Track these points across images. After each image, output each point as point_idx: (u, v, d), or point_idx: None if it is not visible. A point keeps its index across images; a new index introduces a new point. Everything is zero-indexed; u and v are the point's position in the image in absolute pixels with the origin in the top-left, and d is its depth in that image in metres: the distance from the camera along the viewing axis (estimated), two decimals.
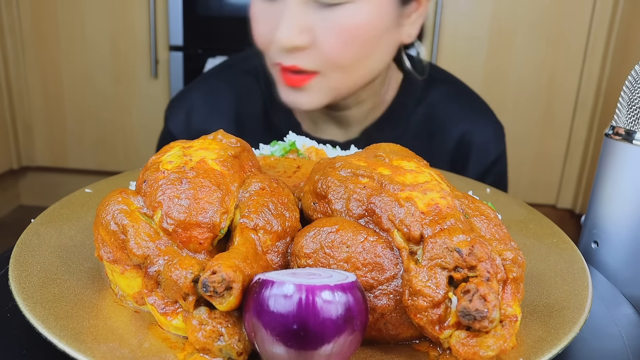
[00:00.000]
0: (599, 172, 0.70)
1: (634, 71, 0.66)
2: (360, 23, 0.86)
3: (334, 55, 0.88)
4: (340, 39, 0.86)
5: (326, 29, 0.86)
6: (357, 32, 0.87)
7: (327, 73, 0.90)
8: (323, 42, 0.86)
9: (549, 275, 0.57)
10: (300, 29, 0.85)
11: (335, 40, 0.86)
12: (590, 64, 2.34)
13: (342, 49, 0.87)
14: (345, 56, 0.88)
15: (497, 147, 1.10)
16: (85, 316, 0.46)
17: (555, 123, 2.45)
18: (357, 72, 0.93)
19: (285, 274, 0.41)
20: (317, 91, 0.92)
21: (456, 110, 1.09)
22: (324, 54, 0.87)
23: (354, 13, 0.86)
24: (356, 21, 0.86)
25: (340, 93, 0.95)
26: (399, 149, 0.57)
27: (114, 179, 0.76)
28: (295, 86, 0.91)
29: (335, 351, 0.38)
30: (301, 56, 0.88)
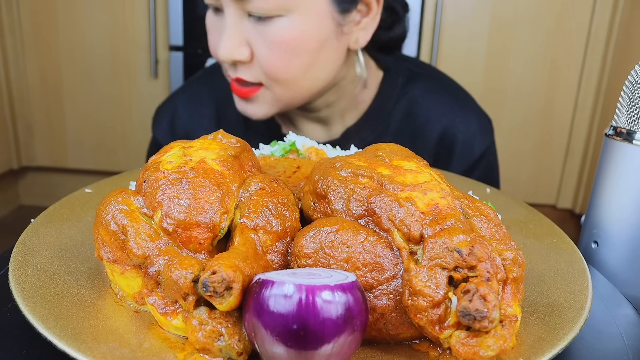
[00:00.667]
0: (599, 172, 0.70)
1: (634, 71, 0.66)
2: (294, 36, 0.87)
3: (272, 68, 0.88)
4: (275, 52, 0.87)
5: (262, 43, 0.87)
6: (292, 45, 0.87)
7: (270, 85, 0.91)
8: (260, 56, 0.88)
9: (549, 275, 0.57)
10: (239, 43, 0.87)
11: (271, 54, 0.87)
12: (590, 64, 2.34)
13: (278, 63, 0.88)
14: (282, 69, 0.89)
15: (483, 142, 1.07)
16: (85, 316, 0.46)
17: (555, 122, 2.45)
18: (300, 83, 0.93)
19: (285, 274, 0.41)
20: (264, 102, 0.94)
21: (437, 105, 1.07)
22: (262, 68, 0.89)
23: (288, 26, 0.86)
24: (291, 34, 0.86)
25: (288, 103, 0.96)
26: (399, 149, 0.57)
27: (114, 179, 0.76)
28: (241, 97, 0.94)
29: (335, 351, 0.38)
30: (243, 69, 0.90)
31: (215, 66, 1.18)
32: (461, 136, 1.06)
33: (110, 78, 2.49)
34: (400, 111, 1.07)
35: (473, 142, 1.06)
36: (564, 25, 2.31)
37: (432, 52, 2.35)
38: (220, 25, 0.90)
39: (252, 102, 0.95)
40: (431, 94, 1.08)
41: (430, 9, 2.30)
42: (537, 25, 2.31)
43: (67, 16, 2.42)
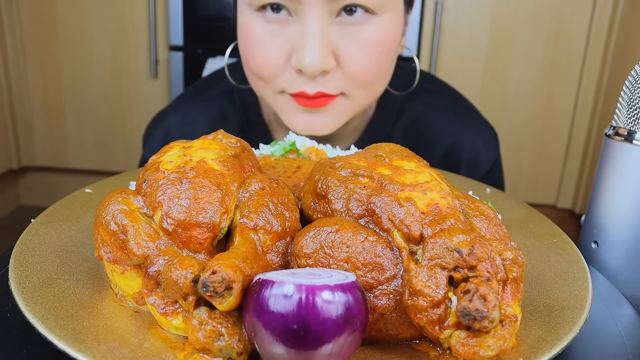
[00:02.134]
0: (599, 172, 0.70)
1: (634, 71, 0.66)
2: (387, 36, 0.82)
3: (363, 73, 0.82)
4: (369, 54, 0.81)
5: (353, 48, 0.80)
6: (385, 46, 0.82)
7: (352, 94, 0.84)
8: (350, 62, 0.81)
9: (549, 275, 0.57)
10: (327, 51, 0.79)
11: (364, 56, 0.81)
12: (590, 64, 2.34)
13: (370, 65, 0.82)
14: (374, 71, 0.83)
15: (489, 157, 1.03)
16: (85, 316, 0.46)
17: (555, 123, 2.45)
18: (378, 87, 0.88)
19: (285, 274, 0.41)
20: (337, 112, 0.86)
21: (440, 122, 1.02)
22: (351, 74, 0.82)
23: (381, 26, 0.81)
24: (384, 34, 0.81)
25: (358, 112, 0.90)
26: (399, 149, 0.57)
27: (114, 179, 0.76)
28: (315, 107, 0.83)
29: (335, 351, 0.38)
30: (324, 81, 0.81)
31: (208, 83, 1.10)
32: (466, 154, 1.01)
33: (110, 78, 2.49)
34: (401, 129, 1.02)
35: (478, 160, 1.02)
36: (564, 25, 2.31)
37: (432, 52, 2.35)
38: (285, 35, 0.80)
39: (323, 113, 0.85)
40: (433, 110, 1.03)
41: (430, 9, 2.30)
42: (537, 25, 2.31)
43: (67, 16, 2.42)
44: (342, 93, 0.84)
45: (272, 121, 1.02)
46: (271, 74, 0.83)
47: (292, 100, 0.84)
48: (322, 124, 0.85)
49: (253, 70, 0.84)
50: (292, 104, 0.84)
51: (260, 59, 0.82)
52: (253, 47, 0.82)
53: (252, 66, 0.84)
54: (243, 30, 0.84)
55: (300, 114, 0.85)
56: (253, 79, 0.88)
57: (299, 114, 0.85)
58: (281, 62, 0.81)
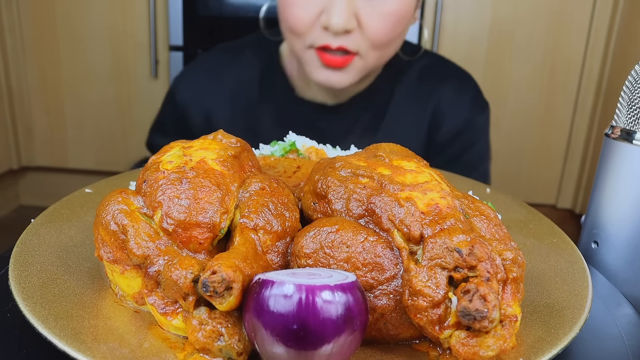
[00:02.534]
0: (599, 172, 0.70)
1: (634, 71, 0.66)
2: (402, 7, 0.98)
3: (378, 36, 0.98)
4: (386, 22, 0.97)
5: (373, 14, 0.96)
6: (399, 15, 0.99)
7: (366, 53, 1.00)
8: (369, 25, 0.97)
9: (549, 275, 0.57)
10: (350, 14, 0.95)
11: (381, 24, 0.97)
12: (590, 64, 2.34)
13: (386, 31, 0.98)
14: (387, 36, 0.99)
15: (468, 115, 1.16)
16: (85, 316, 0.46)
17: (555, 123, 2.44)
18: (389, 50, 1.05)
19: (285, 274, 0.41)
20: (353, 70, 1.02)
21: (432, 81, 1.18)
22: (368, 36, 0.97)
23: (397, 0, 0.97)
24: (401, 5, 0.98)
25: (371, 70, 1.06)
26: (399, 149, 0.57)
27: (114, 179, 0.76)
28: (335, 66, 1.00)
29: (335, 351, 0.38)
30: (347, 38, 0.97)
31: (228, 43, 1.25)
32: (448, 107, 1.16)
33: (110, 78, 2.49)
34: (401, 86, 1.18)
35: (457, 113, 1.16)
36: (564, 25, 2.30)
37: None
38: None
39: (342, 71, 1.01)
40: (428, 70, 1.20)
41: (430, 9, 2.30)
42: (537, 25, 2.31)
43: (67, 16, 2.42)
44: (358, 53, 0.99)
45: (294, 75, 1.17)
46: (303, 29, 0.99)
47: (317, 57, 1.00)
48: (339, 79, 1.02)
49: (290, 25, 1.01)
50: (316, 60, 1.01)
51: (296, 15, 0.99)
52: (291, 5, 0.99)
53: (289, 21, 1.00)
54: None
55: (322, 70, 1.02)
56: (287, 34, 1.04)
57: (321, 70, 1.02)
58: (312, 19, 0.97)
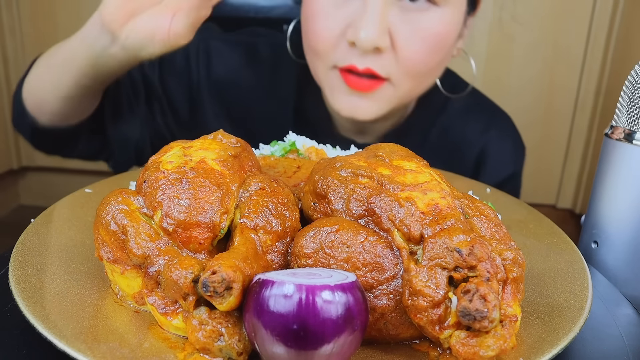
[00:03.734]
0: (599, 172, 0.70)
1: (634, 71, 0.66)
2: (444, 30, 0.83)
3: (414, 61, 0.83)
4: (423, 44, 0.82)
5: (409, 33, 0.81)
6: (439, 39, 0.83)
7: (398, 81, 0.85)
8: (404, 46, 0.82)
9: (549, 275, 0.57)
10: (383, 29, 0.80)
11: (419, 45, 0.82)
12: (590, 64, 2.34)
13: (423, 55, 0.83)
14: (424, 62, 0.84)
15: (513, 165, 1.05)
16: (85, 316, 0.46)
17: (555, 123, 2.44)
18: (426, 81, 0.89)
19: (285, 274, 0.41)
20: (381, 99, 0.86)
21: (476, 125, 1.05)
22: (402, 59, 0.82)
23: (441, 18, 0.82)
24: (442, 27, 0.83)
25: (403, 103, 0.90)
26: (399, 149, 0.57)
27: (114, 179, 0.76)
28: (361, 91, 0.84)
29: (335, 351, 0.38)
30: (375, 60, 0.82)
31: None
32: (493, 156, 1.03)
33: None
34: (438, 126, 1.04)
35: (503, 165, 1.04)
36: (564, 25, 2.31)
37: None
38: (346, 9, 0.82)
39: (368, 98, 0.86)
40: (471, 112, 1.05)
41: None
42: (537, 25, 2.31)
43: (67, 16, 2.41)
44: (388, 79, 0.84)
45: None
46: (326, 46, 0.84)
47: (341, 79, 0.85)
48: (365, 108, 0.86)
49: (311, 42, 0.86)
50: (340, 83, 0.86)
51: (318, 30, 0.84)
52: (314, 18, 0.84)
53: (310, 37, 0.86)
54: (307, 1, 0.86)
55: (346, 95, 0.86)
56: (309, 54, 0.90)
57: (344, 95, 0.86)
58: (337, 35, 0.83)
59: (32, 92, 0.92)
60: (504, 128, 1.08)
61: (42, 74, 0.91)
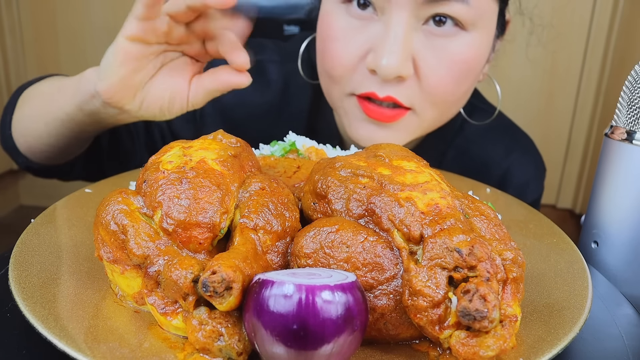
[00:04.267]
0: (599, 172, 0.70)
1: (634, 71, 0.66)
2: (473, 56, 0.78)
3: (440, 89, 0.77)
4: (450, 72, 0.77)
5: (435, 60, 0.76)
6: (468, 66, 0.78)
7: (422, 110, 0.79)
8: (429, 73, 0.76)
9: (549, 275, 0.57)
10: (407, 57, 0.74)
11: (445, 73, 0.76)
12: (590, 64, 2.34)
13: (449, 83, 0.77)
14: (451, 91, 0.78)
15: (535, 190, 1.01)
16: (85, 316, 0.46)
17: (555, 123, 2.45)
18: (451, 109, 0.83)
19: (285, 274, 0.41)
20: (404, 129, 0.81)
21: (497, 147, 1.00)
22: (426, 87, 0.77)
23: (469, 45, 0.77)
24: (470, 54, 0.77)
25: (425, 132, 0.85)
26: (399, 149, 0.57)
27: (114, 179, 0.76)
28: (382, 121, 0.79)
29: (335, 351, 0.38)
30: (398, 88, 0.76)
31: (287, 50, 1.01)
32: (516, 180, 0.99)
33: None
34: (456, 147, 0.99)
35: (526, 189, 1.00)
36: (564, 25, 2.31)
37: None
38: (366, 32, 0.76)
39: (389, 128, 0.80)
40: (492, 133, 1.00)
41: None
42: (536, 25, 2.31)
43: (67, 16, 2.42)
44: (411, 108, 0.79)
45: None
46: (343, 72, 0.79)
47: (359, 107, 0.80)
48: (385, 139, 0.80)
49: (327, 66, 0.81)
50: (358, 111, 0.80)
51: (335, 53, 0.78)
52: (331, 40, 0.79)
53: (326, 61, 0.80)
54: (324, 22, 0.81)
55: (364, 124, 0.81)
56: (324, 78, 0.84)
57: (363, 123, 0.81)
58: (355, 60, 0.77)
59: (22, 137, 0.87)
60: (526, 151, 1.02)
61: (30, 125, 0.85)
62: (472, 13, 0.75)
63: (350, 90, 0.80)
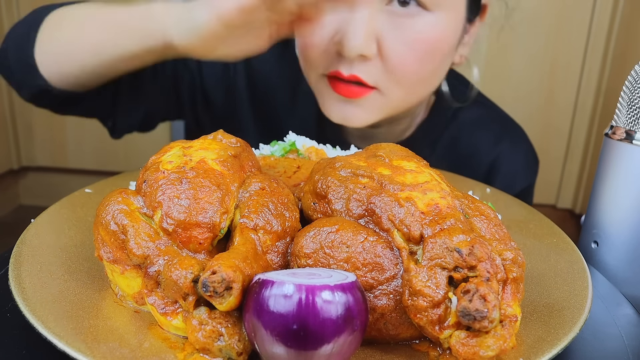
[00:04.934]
0: (599, 172, 0.70)
1: (634, 71, 0.66)
2: (437, 36, 0.79)
3: (403, 68, 0.79)
4: (413, 51, 0.78)
5: (398, 40, 0.78)
6: (432, 46, 0.79)
7: (388, 90, 0.82)
8: (392, 53, 0.78)
9: (549, 275, 0.57)
10: (371, 36, 0.76)
11: (408, 52, 0.78)
12: (590, 64, 2.34)
13: (412, 63, 0.79)
14: (414, 70, 0.80)
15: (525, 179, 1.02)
16: (85, 316, 0.46)
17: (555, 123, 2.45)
18: (419, 90, 0.85)
19: (285, 274, 0.41)
20: (371, 107, 0.83)
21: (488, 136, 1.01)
22: (390, 67, 0.79)
23: (434, 23, 0.78)
24: (434, 33, 0.78)
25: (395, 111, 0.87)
26: (399, 149, 0.57)
27: (114, 179, 0.76)
28: (349, 97, 0.82)
29: (335, 351, 0.38)
30: (362, 67, 0.79)
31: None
32: (505, 169, 1.00)
33: None
34: (448, 137, 1.01)
35: (515, 178, 1.01)
36: (564, 25, 2.31)
37: None
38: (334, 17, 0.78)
39: (357, 105, 0.83)
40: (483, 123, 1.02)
41: None
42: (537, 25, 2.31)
43: None
44: (376, 87, 0.81)
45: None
46: (315, 54, 0.82)
47: (329, 86, 0.83)
48: (355, 115, 0.84)
49: (301, 50, 0.85)
50: (329, 91, 0.84)
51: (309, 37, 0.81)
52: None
53: (300, 46, 0.84)
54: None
55: (335, 103, 0.84)
56: (301, 62, 0.88)
57: (334, 102, 0.84)
58: (325, 41, 0.80)
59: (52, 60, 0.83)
60: (516, 140, 1.04)
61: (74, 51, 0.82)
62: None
63: (322, 71, 0.84)
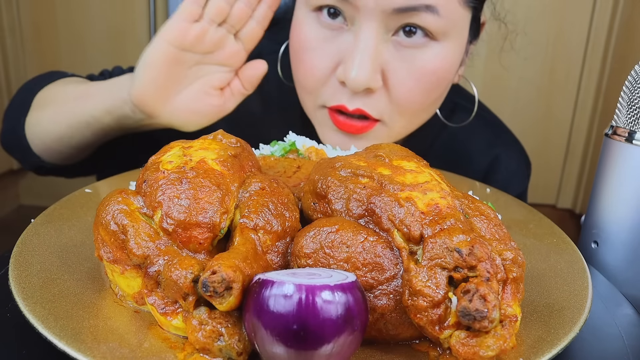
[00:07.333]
0: (599, 172, 0.70)
1: (634, 71, 0.66)
2: (444, 67, 0.77)
3: (409, 100, 0.77)
4: (420, 83, 0.76)
5: (404, 71, 0.76)
6: (439, 76, 0.77)
7: (392, 121, 0.80)
8: (398, 85, 0.76)
9: (549, 275, 0.57)
10: (376, 69, 0.74)
11: (415, 84, 0.76)
12: (590, 64, 2.34)
13: (419, 94, 0.77)
14: (420, 101, 0.79)
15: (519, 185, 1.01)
16: (85, 316, 0.46)
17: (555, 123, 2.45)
18: (420, 117, 0.84)
19: (285, 274, 0.41)
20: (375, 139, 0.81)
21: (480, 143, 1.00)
22: (395, 99, 0.77)
23: (439, 55, 0.76)
24: (441, 64, 0.76)
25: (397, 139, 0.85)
26: (398, 149, 0.57)
27: (114, 179, 0.76)
28: (351, 133, 0.79)
29: (335, 351, 0.38)
30: (367, 100, 0.77)
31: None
32: (499, 175, 1.00)
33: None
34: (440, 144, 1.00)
35: (509, 184, 1.00)
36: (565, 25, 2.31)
37: None
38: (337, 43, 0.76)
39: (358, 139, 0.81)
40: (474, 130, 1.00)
41: None
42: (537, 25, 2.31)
43: (67, 16, 2.42)
44: (381, 120, 0.80)
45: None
46: (315, 83, 0.79)
47: (330, 119, 0.80)
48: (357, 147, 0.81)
49: (299, 77, 0.81)
50: (329, 122, 0.81)
51: (307, 65, 0.79)
52: (303, 51, 0.79)
53: (299, 72, 0.81)
54: (295, 29, 0.81)
55: (335, 135, 0.81)
56: (298, 88, 0.85)
57: (334, 134, 0.82)
58: (326, 72, 0.78)
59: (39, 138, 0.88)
60: (509, 145, 1.02)
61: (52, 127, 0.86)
62: (443, 23, 0.74)
63: (322, 102, 0.81)
